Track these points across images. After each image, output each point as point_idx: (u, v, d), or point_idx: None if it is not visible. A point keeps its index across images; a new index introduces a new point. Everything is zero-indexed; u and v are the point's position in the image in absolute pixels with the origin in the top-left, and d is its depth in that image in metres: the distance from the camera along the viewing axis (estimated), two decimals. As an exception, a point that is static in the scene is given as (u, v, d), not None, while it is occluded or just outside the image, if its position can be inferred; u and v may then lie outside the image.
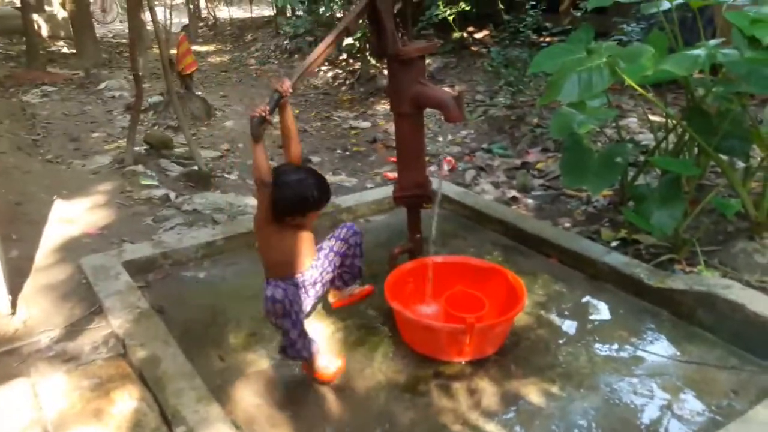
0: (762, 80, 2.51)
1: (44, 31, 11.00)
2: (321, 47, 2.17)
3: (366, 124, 5.95)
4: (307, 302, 2.38)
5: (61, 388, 2.12)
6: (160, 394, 2.03)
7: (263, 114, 1.99)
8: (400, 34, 2.32)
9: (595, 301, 2.64)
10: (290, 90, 2.07)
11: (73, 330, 2.48)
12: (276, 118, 2.09)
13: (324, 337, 2.45)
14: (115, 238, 3.28)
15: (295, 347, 2.16)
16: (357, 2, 2.28)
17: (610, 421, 1.98)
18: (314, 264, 2.39)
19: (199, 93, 6.79)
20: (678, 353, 2.28)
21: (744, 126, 2.81)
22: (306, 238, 2.33)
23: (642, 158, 3.58)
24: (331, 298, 2.63)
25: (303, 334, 2.17)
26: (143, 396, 2.06)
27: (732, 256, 2.73)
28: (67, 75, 8.15)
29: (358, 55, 7.47)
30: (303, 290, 2.33)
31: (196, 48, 10.01)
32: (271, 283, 2.17)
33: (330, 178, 4.40)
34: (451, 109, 2.12)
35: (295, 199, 2.15)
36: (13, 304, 2.61)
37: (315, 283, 2.39)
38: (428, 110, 2.55)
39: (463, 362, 2.25)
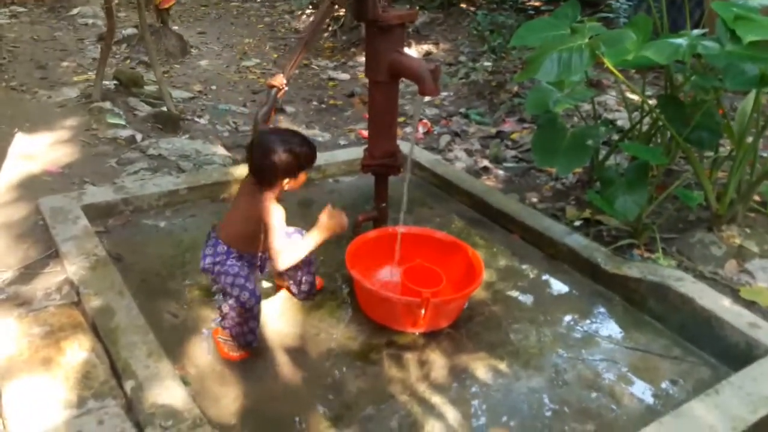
0: (738, 76, 2.52)
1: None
2: (308, 34, 2.30)
3: (345, 76, 5.84)
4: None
5: (10, 333, 2.09)
6: (112, 346, 2.02)
7: (266, 115, 2.13)
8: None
9: (551, 281, 2.68)
10: (285, 83, 2.16)
11: (26, 273, 2.44)
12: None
13: (283, 297, 2.45)
14: (76, 179, 3.21)
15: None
16: None
17: (552, 402, 2.04)
18: None
19: (176, 28, 6.56)
20: (625, 339, 2.35)
21: (715, 119, 2.82)
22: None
23: (616, 137, 3.59)
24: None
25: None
26: (94, 347, 2.05)
27: (690, 246, 2.78)
28: (38, -5, 7.77)
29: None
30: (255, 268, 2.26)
31: (176, -22, 9.61)
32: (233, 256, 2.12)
33: (303, 131, 4.32)
34: (427, 83, 2.08)
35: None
36: (-34, 242, 2.55)
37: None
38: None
39: (417, 333, 2.28)
